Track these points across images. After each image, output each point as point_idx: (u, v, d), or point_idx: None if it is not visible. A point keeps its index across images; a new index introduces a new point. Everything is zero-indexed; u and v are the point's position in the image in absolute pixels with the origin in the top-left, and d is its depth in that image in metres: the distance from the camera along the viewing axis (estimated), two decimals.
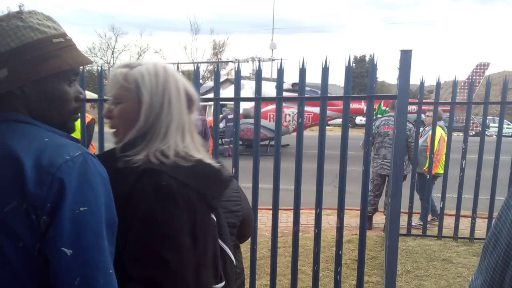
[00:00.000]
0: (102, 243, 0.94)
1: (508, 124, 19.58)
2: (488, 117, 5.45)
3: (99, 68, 3.42)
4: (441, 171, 5.71)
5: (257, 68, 3.22)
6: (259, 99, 3.21)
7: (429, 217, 5.94)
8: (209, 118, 11.68)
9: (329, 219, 6.17)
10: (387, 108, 9.56)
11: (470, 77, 13.11)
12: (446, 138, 5.60)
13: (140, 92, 1.21)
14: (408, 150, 5.67)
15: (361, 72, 44.52)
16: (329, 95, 3.16)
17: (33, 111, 1.03)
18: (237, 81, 3.26)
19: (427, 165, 5.69)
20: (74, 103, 1.09)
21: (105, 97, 3.47)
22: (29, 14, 1.02)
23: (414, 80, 5.32)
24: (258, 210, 3.40)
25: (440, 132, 5.66)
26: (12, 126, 0.99)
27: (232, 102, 3.34)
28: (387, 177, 5.78)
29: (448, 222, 5.66)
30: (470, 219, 5.35)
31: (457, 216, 5.38)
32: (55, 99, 1.05)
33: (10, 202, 0.89)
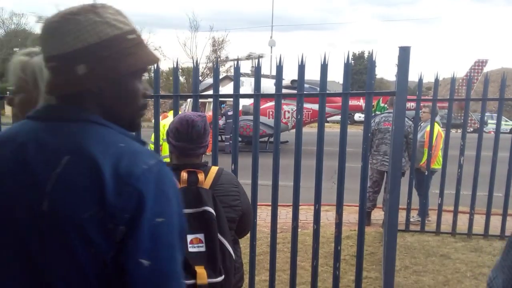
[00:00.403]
0: (176, 253, 0.95)
1: (506, 121, 19.62)
2: (486, 114, 5.47)
3: None
4: (437, 166, 5.74)
5: (256, 65, 3.23)
6: (258, 96, 3.23)
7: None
8: (209, 113, 11.72)
9: (328, 215, 6.20)
10: (386, 105, 9.59)
11: (468, 74, 13.11)
12: (442, 134, 5.62)
13: (37, 84, 1.20)
14: (408, 146, 5.69)
15: (360, 69, 44.55)
16: (328, 92, 3.18)
17: (105, 109, 1.01)
18: (236, 78, 3.28)
19: (423, 160, 5.73)
20: (142, 100, 1.09)
21: None
22: (103, 8, 0.99)
23: (413, 77, 5.34)
24: (258, 206, 3.42)
25: (437, 128, 5.69)
26: (86, 127, 0.96)
27: (232, 99, 3.36)
28: (386, 174, 5.81)
29: (447, 218, 5.68)
30: (468, 215, 5.38)
31: (455, 212, 5.41)
32: (128, 96, 1.04)
33: (88, 209, 0.88)
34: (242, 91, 3.55)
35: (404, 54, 2.80)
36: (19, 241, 0.92)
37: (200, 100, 15.48)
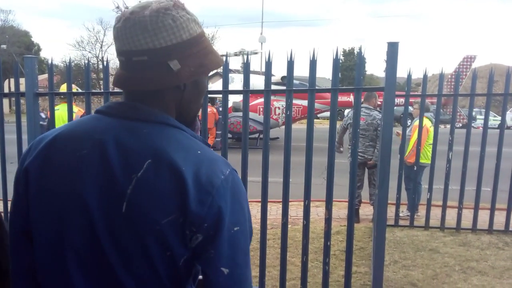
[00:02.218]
0: (248, 258, 0.99)
1: (495, 116, 19.82)
2: (474, 109, 5.53)
3: (87, 62, 3.41)
4: (426, 161, 5.78)
5: (245, 61, 3.22)
6: (247, 92, 3.22)
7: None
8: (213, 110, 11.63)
9: (318, 211, 6.22)
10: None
11: (457, 70, 13.21)
12: (430, 129, 5.66)
13: None
14: (379, 139, 5.75)
15: (349, 65, 44.58)
16: (317, 87, 3.18)
17: (182, 106, 1.03)
18: (225, 74, 3.26)
19: (407, 154, 5.80)
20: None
21: (93, 91, 3.46)
22: (186, 5, 1.01)
23: (402, 73, 5.37)
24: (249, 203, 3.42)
25: (424, 123, 5.73)
26: (164, 130, 0.97)
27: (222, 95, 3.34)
28: (365, 167, 5.87)
29: (435, 212, 5.74)
30: (456, 209, 5.43)
31: (444, 207, 5.46)
32: (201, 93, 1.07)
33: (169, 214, 0.90)
34: (233, 87, 3.55)
35: (392, 49, 2.81)
36: (92, 238, 0.93)
37: None
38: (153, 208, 0.90)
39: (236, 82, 14.08)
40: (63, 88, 5.66)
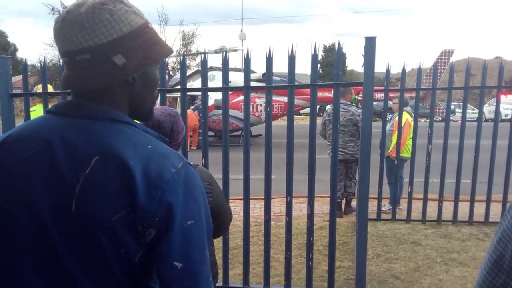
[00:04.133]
0: (205, 253, 0.97)
1: (473, 109, 20.16)
2: (453, 103, 5.60)
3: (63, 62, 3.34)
4: (407, 155, 5.85)
5: (224, 58, 3.20)
6: (226, 89, 3.20)
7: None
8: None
9: (302, 207, 6.24)
10: (358, 97, 9.70)
11: (435, 64, 13.40)
12: (411, 123, 5.73)
13: None
14: (359, 135, 5.80)
15: (330, 61, 44.78)
16: (296, 83, 3.18)
17: (134, 100, 1.02)
18: (203, 71, 3.23)
19: (390, 148, 5.85)
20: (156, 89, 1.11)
21: (68, 91, 3.39)
22: None
23: (382, 68, 5.42)
24: (232, 201, 3.40)
25: (406, 118, 5.79)
26: (113, 126, 0.95)
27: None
28: (345, 162, 5.92)
29: (417, 205, 5.80)
30: (437, 202, 5.51)
31: (425, 200, 5.53)
32: (153, 85, 1.05)
33: (120, 211, 0.89)
34: (214, 85, 3.52)
35: (369, 44, 2.82)
36: (44, 239, 0.92)
37: (171, 95, 15.19)
38: (102, 206, 0.89)
39: (218, 80, 14.02)
40: (39, 88, 5.54)
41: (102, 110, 0.96)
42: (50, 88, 3.76)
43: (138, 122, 1.05)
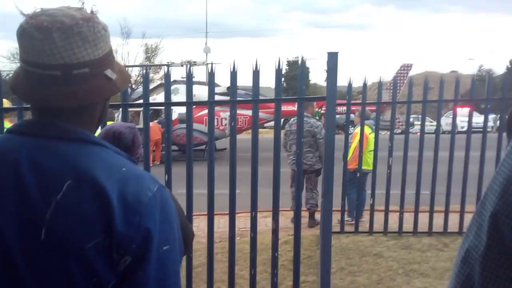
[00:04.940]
0: (179, 277, 0.95)
1: (431, 122, 20.86)
2: (412, 116, 5.77)
3: None
4: (368, 167, 5.95)
5: (188, 72, 3.17)
6: (190, 104, 3.16)
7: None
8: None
9: (267, 221, 6.20)
10: (321, 110, 9.86)
11: (395, 78, 13.83)
12: (369, 136, 5.85)
13: None
14: (317, 146, 5.94)
15: (294, 75, 45.36)
16: (261, 97, 3.19)
17: (102, 117, 1.01)
18: (167, 86, 3.19)
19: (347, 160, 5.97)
20: None
21: (24, 106, 3.26)
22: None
23: (344, 81, 5.52)
24: (196, 217, 3.34)
25: (365, 131, 5.91)
26: (86, 148, 0.91)
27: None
28: (304, 173, 6.02)
29: (379, 217, 5.90)
30: (398, 214, 5.62)
31: (386, 212, 5.62)
32: (108, 102, 1.04)
33: (94, 237, 0.84)
34: (178, 98, 3.47)
35: (332, 59, 2.86)
36: (11, 269, 0.85)
37: (133, 110, 14.88)
38: (76, 233, 0.84)
39: (182, 93, 13.88)
40: None
41: (73, 130, 0.92)
42: (6, 104, 3.59)
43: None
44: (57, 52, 0.87)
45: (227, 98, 3.39)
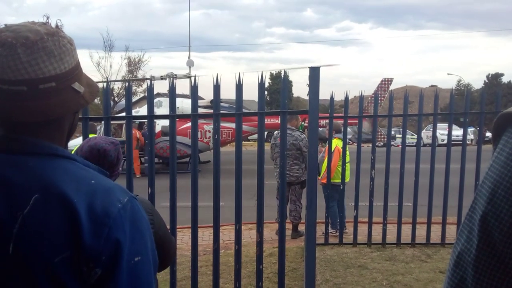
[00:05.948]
0: None
1: (412, 135, 21.20)
2: (393, 129, 5.86)
3: None
4: (338, 180, 5.99)
5: (171, 85, 3.18)
6: (173, 117, 3.17)
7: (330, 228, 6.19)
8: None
9: (251, 234, 6.20)
10: (304, 123, 9.92)
11: (376, 92, 14.05)
12: (341, 150, 5.91)
13: None
14: (303, 158, 6.03)
15: (277, 89, 45.82)
16: (245, 111, 3.21)
17: (71, 130, 1.00)
18: (150, 99, 3.19)
19: (321, 175, 6.04)
20: None
21: None
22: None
23: (326, 95, 5.59)
24: (179, 229, 3.32)
25: (335, 144, 5.96)
26: (53, 162, 0.90)
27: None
28: (289, 185, 6.06)
29: (363, 229, 5.94)
30: (381, 225, 5.67)
31: (370, 223, 5.67)
32: (78, 115, 1.04)
33: (62, 251, 0.83)
34: (162, 111, 3.46)
35: (314, 74, 2.91)
36: None
37: (116, 122, 14.74)
38: (43, 247, 0.83)
39: (165, 106, 13.87)
40: None
41: (41, 144, 0.91)
42: None
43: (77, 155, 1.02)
44: (22, 68, 0.87)
45: (210, 111, 3.41)
